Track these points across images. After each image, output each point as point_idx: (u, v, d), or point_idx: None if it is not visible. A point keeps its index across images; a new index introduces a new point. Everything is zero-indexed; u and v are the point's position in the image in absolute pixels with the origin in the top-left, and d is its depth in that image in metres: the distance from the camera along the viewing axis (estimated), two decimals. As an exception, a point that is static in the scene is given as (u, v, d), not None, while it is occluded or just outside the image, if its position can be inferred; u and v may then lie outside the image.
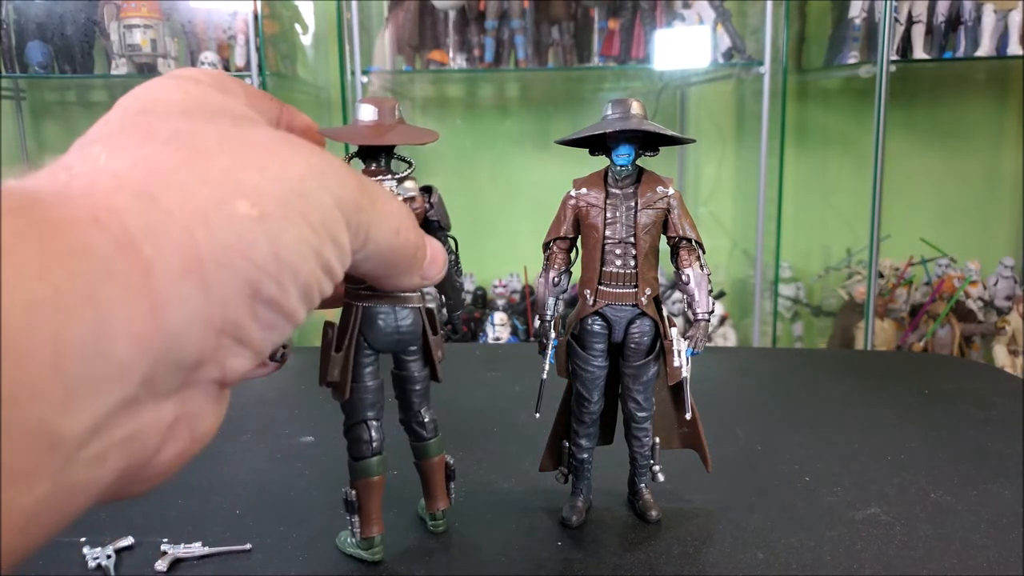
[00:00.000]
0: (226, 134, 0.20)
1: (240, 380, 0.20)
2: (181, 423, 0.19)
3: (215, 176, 0.18)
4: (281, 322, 0.19)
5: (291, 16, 2.14)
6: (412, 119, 2.19)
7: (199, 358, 0.18)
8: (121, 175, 0.18)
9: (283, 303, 0.19)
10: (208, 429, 0.21)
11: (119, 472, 0.17)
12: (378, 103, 0.41)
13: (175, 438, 0.19)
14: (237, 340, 0.19)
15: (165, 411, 0.18)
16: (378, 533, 0.44)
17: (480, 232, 2.23)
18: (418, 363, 0.45)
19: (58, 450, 0.15)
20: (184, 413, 0.19)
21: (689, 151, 2.12)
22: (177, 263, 0.17)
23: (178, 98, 0.22)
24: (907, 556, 0.45)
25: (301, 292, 0.19)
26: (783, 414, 0.69)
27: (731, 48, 1.84)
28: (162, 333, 0.16)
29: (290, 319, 0.20)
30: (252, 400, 0.73)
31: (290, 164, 0.20)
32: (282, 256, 0.19)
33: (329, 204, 0.20)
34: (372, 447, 0.44)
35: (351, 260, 0.22)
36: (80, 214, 0.16)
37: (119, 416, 0.16)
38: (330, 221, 0.20)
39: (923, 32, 1.85)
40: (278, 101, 0.27)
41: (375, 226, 0.22)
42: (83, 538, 0.47)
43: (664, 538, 0.47)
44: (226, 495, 0.54)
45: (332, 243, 0.20)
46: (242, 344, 0.19)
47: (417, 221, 0.26)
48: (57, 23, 1.92)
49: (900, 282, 2.02)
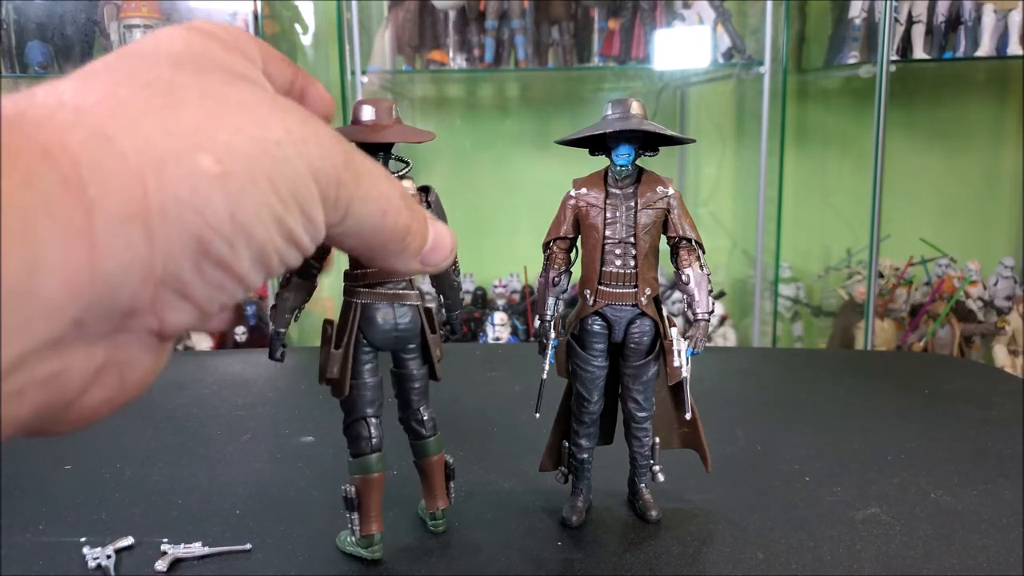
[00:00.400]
0: (210, 89, 0.20)
1: (180, 333, 0.20)
2: (110, 369, 0.19)
3: (184, 127, 0.18)
4: (229, 284, 0.19)
5: (291, 16, 2.14)
6: (412, 119, 2.20)
7: (134, 306, 0.17)
8: (83, 111, 0.17)
9: (233, 265, 0.18)
10: (140, 379, 0.20)
11: (37, 409, 0.17)
12: (376, 103, 0.42)
13: (102, 384, 0.19)
14: (179, 294, 0.18)
15: (94, 355, 0.18)
16: (377, 531, 0.44)
17: (480, 232, 2.23)
18: (417, 361, 0.45)
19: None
20: (114, 359, 0.19)
21: (689, 151, 2.12)
22: (121, 208, 0.16)
23: (177, 48, 0.21)
24: (907, 556, 0.45)
25: (255, 257, 0.19)
26: (783, 414, 0.69)
27: (731, 48, 1.84)
28: (98, 277, 0.16)
29: (240, 282, 0.19)
30: (252, 400, 0.73)
31: (268, 127, 0.19)
32: (238, 218, 0.18)
33: (303, 173, 0.19)
34: (371, 444, 0.44)
35: (325, 234, 0.21)
36: (29, 145, 0.16)
37: (43, 354, 0.16)
38: (302, 190, 0.19)
39: (923, 32, 1.85)
40: (295, 67, 0.27)
41: (358, 203, 0.21)
42: (83, 538, 0.47)
43: (664, 538, 0.47)
44: (226, 495, 0.54)
45: (300, 213, 0.20)
46: (184, 299, 0.18)
47: (418, 206, 0.26)
48: (57, 23, 1.92)
49: (900, 282, 2.02)
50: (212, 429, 0.66)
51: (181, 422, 0.68)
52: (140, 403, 0.78)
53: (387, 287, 0.43)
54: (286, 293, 0.42)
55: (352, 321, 0.43)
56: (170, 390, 0.76)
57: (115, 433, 0.65)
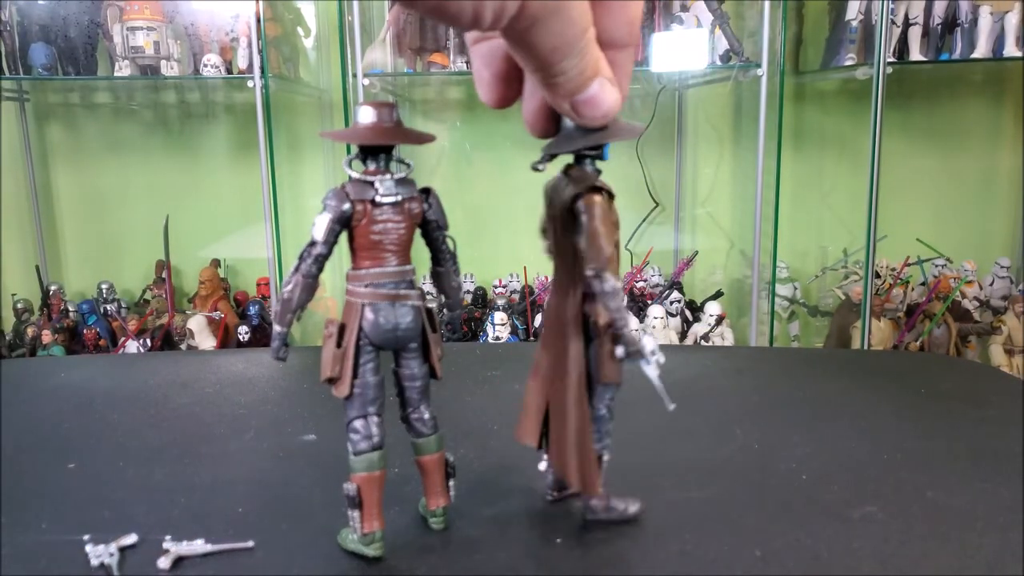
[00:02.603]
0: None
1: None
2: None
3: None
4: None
5: (293, 18, 2.14)
6: (413, 121, 2.20)
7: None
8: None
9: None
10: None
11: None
12: (377, 106, 0.42)
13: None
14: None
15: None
16: (379, 529, 0.45)
17: (480, 232, 2.23)
18: (417, 360, 0.46)
19: None
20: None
21: (687, 152, 2.13)
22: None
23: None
24: (904, 554, 0.46)
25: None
26: (780, 413, 0.70)
27: (729, 50, 1.84)
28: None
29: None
30: (255, 399, 0.74)
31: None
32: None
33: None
34: (373, 442, 0.44)
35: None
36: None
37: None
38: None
39: (920, 34, 1.85)
40: None
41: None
42: (86, 536, 0.48)
43: (663, 537, 0.48)
44: (229, 493, 0.54)
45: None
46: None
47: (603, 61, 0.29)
48: (61, 25, 1.93)
49: (896, 282, 2.02)
50: (215, 428, 0.67)
51: (184, 421, 0.68)
52: (142, 402, 0.79)
53: (389, 287, 0.43)
54: (289, 292, 0.43)
55: (354, 321, 0.43)
56: (173, 389, 0.76)
57: (117, 432, 0.66)
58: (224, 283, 2.22)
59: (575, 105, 0.29)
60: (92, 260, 2.37)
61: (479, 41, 0.36)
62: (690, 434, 0.64)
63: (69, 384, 0.79)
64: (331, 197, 0.42)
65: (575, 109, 0.30)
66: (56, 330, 2.03)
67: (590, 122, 0.30)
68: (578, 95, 0.29)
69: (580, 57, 0.28)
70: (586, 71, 0.28)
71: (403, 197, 0.43)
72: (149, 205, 2.25)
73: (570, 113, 0.30)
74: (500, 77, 0.36)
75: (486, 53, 0.36)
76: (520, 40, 0.27)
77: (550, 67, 0.28)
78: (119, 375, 0.83)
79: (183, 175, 2.30)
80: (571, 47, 0.27)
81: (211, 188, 2.31)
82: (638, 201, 2.13)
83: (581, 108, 0.30)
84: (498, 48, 0.35)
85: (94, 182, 2.30)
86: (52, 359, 1.51)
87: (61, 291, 2.21)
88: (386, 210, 0.42)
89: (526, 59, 0.28)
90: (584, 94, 0.29)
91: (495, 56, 0.35)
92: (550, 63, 0.27)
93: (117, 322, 2.12)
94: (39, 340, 2.04)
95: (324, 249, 0.43)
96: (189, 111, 2.28)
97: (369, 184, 0.42)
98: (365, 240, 0.43)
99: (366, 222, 0.42)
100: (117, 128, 2.27)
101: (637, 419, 0.66)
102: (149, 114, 2.27)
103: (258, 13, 1.80)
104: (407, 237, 0.44)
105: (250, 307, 2.07)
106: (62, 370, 0.84)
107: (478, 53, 0.36)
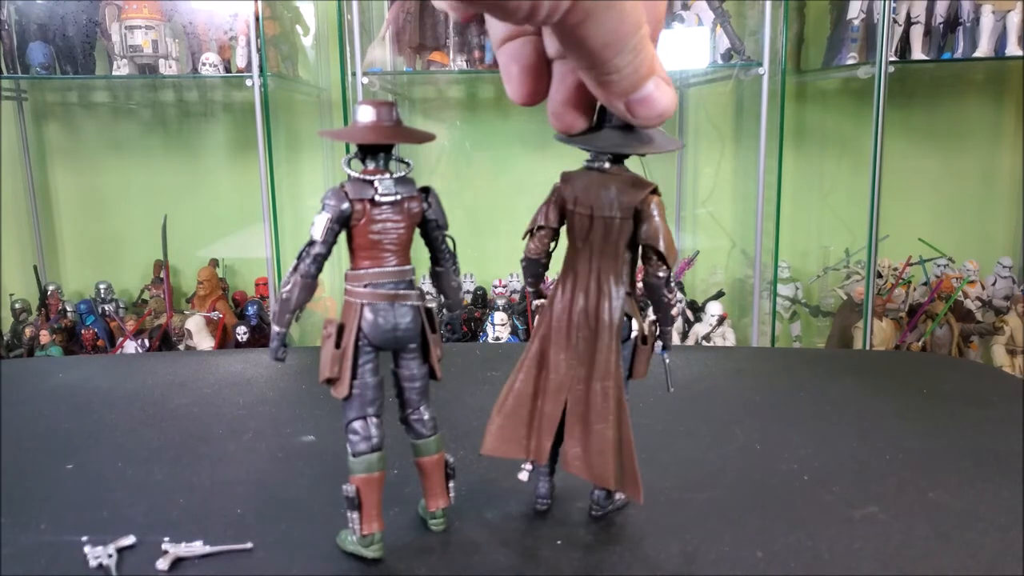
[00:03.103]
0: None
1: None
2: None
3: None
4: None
5: (292, 17, 2.14)
6: (413, 120, 2.20)
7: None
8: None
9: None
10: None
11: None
12: (376, 105, 0.42)
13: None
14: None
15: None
16: (378, 530, 0.45)
17: (480, 232, 2.23)
18: (417, 361, 0.46)
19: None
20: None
21: (688, 152, 2.13)
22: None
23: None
24: (905, 555, 0.46)
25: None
26: (781, 413, 0.70)
27: (730, 49, 1.84)
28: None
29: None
30: (253, 400, 0.74)
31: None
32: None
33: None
34: (372, 443, 0.44)
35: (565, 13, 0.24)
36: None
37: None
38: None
39: (921, 33, 1.85)
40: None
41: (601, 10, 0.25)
42: (84, 537, 0.47)
43: (664, 538, 0.48)
44: (227, 494, 0.54)
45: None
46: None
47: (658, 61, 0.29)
48: (59, 24, 1.93)
49: (899, 282, 2.02)
50: (213, 428, 0.66)
51: (182, 421, 0.68)
52: (141, 402, 0.78)
53: (388, 287, 0.43)
54: (288, 293, 0.43)
55: (353, 321, 0.43)
56: (171, 389, 0.76)
57: (116, 432, 0.66)
58: (222, 283, 2.22)
59: (629, 105, 0.29)
60: (90, 260, 2.37)
61: (506, 41, 0.36)
62: (691, 434, 0.64)
63: (67, 384, 0.79)
64: (330, 196, 0.42)
65: (629, 109, 0.29)
66: (54, 330, 2.03)
67: (645, 122, 0.30)
68: (633, 94, 0.28)
69: (635, 54, 0.27)
70: (640, 69, 0.28)
71: (402, 196, 0.43)
72: (147, 205, 2.25)
73: (624, 113, 0.30)
74: (529, 71, 0.36)
75: (515, 50, 0.36)
76: (573, 35, 0.26)
77: (604, 64, 0.27)
78: (117, 375, 0.83)
79: (181, 174, 2.30)
80: (624, 43, 0.27)
81: (209, 187, 2.31)
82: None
83: (636, 108, 0.29)
84: (526, 44, 0.35)
85: (92, 181, 2.30)
86: (50, 359, 1.51)
87: (59, 291, 2.21)
88: (385, 209, 0.42)
89: (579, 56, 0.27)
90: (639, 93, 0.28)
91: (523, 52, 0.35)
92: (603, 60, 0.27)
93: (115, 322, 2.12)
94: (37, 340, 2.04)
95: (323, 249, 0.42)
96: (187, 110, 2.28)
97: (368, 183, 0.42)
98: (364, 240, 0.42)
99: (365, 221, 0.42)
100: (115, 127, 2.27)
101: (637, 419, 0.66)
102: (147, 113, 2.27)
103: (257, 11, 1.79)
104: (406, 237, 0.43)
105: (248, 307, 2.06)
106: (60, 370, 0.84)
107: (506, 52, 0.36)
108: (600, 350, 0.44)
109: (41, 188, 2.29)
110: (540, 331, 0.46)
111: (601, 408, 0.45)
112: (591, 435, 0.45)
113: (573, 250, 0.45)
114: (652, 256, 0.43)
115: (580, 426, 0.46)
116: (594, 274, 0.44)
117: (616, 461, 0.45)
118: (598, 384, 0.45)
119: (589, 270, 0.44)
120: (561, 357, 0.45)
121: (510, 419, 0.47)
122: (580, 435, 0.46)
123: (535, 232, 0.46)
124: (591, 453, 0.45)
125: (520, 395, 0.47)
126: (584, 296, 0.44)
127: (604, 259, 0.44)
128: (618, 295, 0.44)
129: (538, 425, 0.47)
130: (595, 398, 0.45)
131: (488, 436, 0.48)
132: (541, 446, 0.47)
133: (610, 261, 0.44)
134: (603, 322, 0.44)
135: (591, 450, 0.45)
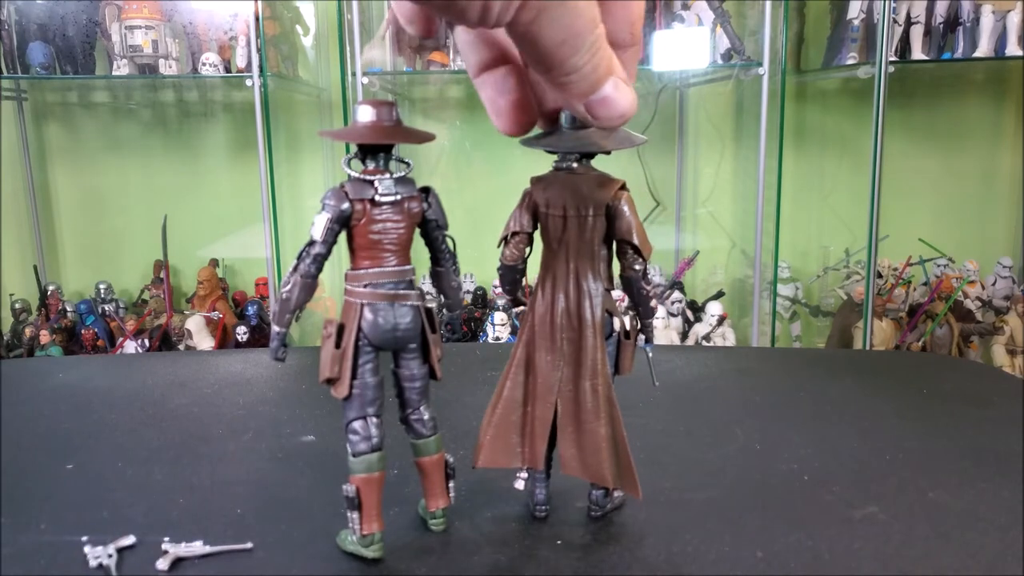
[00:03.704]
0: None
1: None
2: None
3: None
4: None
5: (292, 17, 2.14)
6: (413, 120, 2.20)
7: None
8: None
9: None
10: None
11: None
12: (376, 105, 0.42)
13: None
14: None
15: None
16: (378, 530, 0.45)
17: (480, 232, 2.22)
18: (417, 361, 0.46)
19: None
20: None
21: (688, 152, 2.13)
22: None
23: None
24: (905, 555, 0.46)
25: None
26: (781, 413, 0.70)
27: (730, 49, 1.84)
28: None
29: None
30: (253, 400, 0.74)
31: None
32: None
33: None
34: (372, 443, 0.44)
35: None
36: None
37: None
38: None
39: (921, 33, 1.85)
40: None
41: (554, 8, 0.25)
42: (84, 537, 0.47)
43: (664, 538, 0.48)
44: (227, 494, 0.54)
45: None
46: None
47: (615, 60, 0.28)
48: (59, 24, 1.93)
49: (899, 282, 2.02)
50: (213, 428, 0.66)
51: (182, 421, 0.68)
52: (141, 402, 0.78)
53: (388, 287, 0.43)
54: (288, 293, 0.43)
55: (353, 321, 0.43)
56: (171, 389, 0.76)
57: (116, 432, 0.66)
58: (222, 283, 2.22)
59: (589, 106, 0.28)
60: (90, 260, 2.37)
61: (483, 70, 0.36)
62: (691, 434, 0.64)
63: (67, 384, 0.79)
64: (330, 196, 0.42)
65: (590, 110, 0.29)
66: (54, 330, 2.03)
67: (607, 123, 0.29)
68: (592, 95, 0.28)
69: (591, 54, 0.27)
70: (598, 69, 0.28)
71: (402, 196, 0.43)
72: (147, 205, 2.25)
73: (585, 115, 0.29)
74: (517, 105, 0.35)
75: (498, 82, 0.35)
76: (527, 35, 0.26)
77: (561, 64, 0.27)
78: (117, 375, 0.83)
79: (181, 174, 2.30)
80: (580, 41, 0.26)
81: (209, 187, 2.31)
82: (639, 200, 2.12)
83: (596, 109, 0.29)
84: (508, 77, 0.35)
85: (92, 181, 2.30)
86: (50, 359, 1.51)
87: (59, 291, 2.21)
88: (385, 209, 0.42)
89: (536, 58, 0.27)
90: (598, 94, 0.28)
91: (507, 84, 0.35)
92: (560, 59, 0.27)
93: (115, 322, 2.12)
94: (37, 340, 2.04)
95: (323, 249, 0.42)
96: (187, 110, 2.28)
97: (368, 183, 0.42)
98: (364, 240, 0.42)
99: (365, 221, 0.42)
100: (115, 127, 2.27)
101: (637, 419, 0.66)
102: (147, 113, 2.27)
103: (257, 11, 1.79)
104: (406, 237, 0.43)
105: (248, 307, 2.06)
106: (60, 370, 0.84)
107: (488, 83, 0.36)
108: (585, 349, 0.45)
109: (41, 188, 2.29)
110: (524, 336, 0.46)
111: (592, 406, 0.45)
112: (584, 434, 0.45)
113: (549, 252, 0.45)
114: (628, 250, 0.44)
115: (573, 426, 0.46)
116: (572, 274, 0.44)
117: (612, 458, 0.45)
118: (587, 383, 0.45)
119: (567, 270, 0.45)
120: (547, 359, 0.46)
121: (501, 427, 0.47)
122: (573, 435, 0.46)
123: (510, 238, 0.46)
124: (586, 452, 0.46)
125: (509, 402, 0.47)
126: (565, 296, 0.45)
127: (581, 258, 0.44)
128: (598, 292, 0.44)
129: (530, 430, 0.47)
130: (585, 397, 0.45)
131: (481, 448, 0.48)
132: (535, 451, 0.47)
133: (587, 259, 0.44)
134: (586, 321, 0.44)
135: (586, 449, 0.46)
